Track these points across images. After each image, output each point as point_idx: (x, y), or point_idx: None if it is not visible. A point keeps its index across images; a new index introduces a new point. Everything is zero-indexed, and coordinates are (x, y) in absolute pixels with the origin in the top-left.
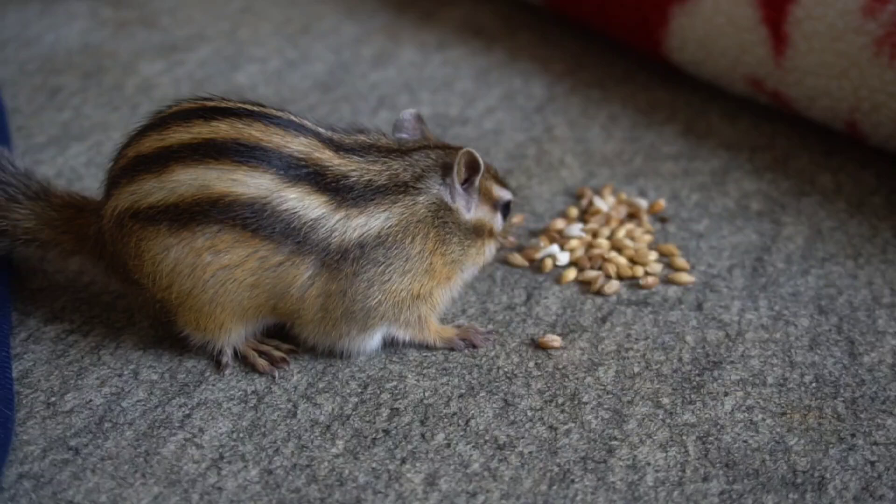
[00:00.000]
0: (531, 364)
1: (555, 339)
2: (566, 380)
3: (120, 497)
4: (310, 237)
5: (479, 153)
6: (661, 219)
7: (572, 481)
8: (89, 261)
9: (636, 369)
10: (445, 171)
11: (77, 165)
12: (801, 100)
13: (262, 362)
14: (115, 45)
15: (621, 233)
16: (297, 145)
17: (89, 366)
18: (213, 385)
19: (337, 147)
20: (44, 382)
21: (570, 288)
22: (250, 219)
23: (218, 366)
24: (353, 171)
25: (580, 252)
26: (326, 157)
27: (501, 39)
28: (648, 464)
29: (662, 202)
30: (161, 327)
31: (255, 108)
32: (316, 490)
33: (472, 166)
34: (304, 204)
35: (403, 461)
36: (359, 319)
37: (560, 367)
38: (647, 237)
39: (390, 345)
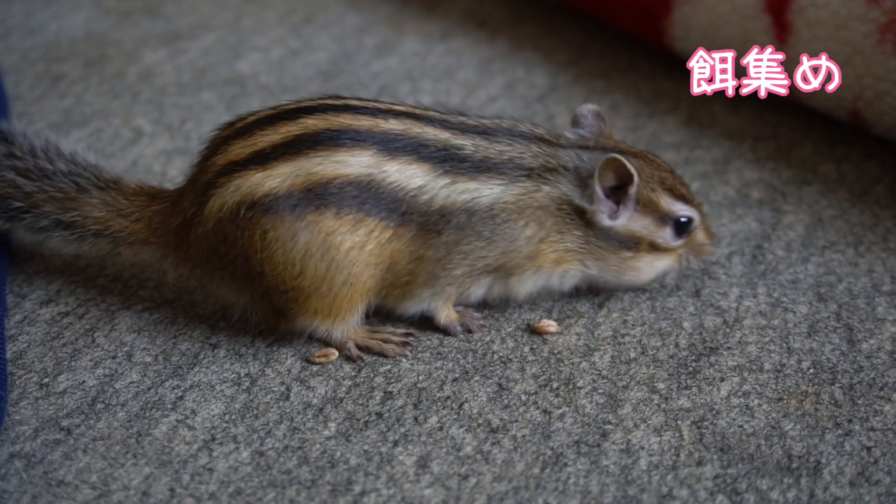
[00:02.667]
0: (526, 349)
1: (551, 325)
2: (561, 364)
3: (111, 477)
4: (412, 206)
5: (652, 161)
6: None
7: (565, 465)
8: (160, 252)
9: (632, 355)
10: (590, 174)
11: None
12: None
13: (388, 347)
14: (119, 33)
15: None
16: (389, 125)
17: (83, 348)
18: (207, 368)
19: (447, 125)
20: (37, 364)
21: None
22: (359, 198)
23: (348, 359)
24: (468, 145)
25: None
26: (429, 132)
27: (505, 30)
28: (642, 448)
29: None
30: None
31: (339, 103)
32: (307, 471)
33: (624, 175)
34: (407, 175)
35: (396, 444)
36: (437, 285)
37: (555, 352)
38: None
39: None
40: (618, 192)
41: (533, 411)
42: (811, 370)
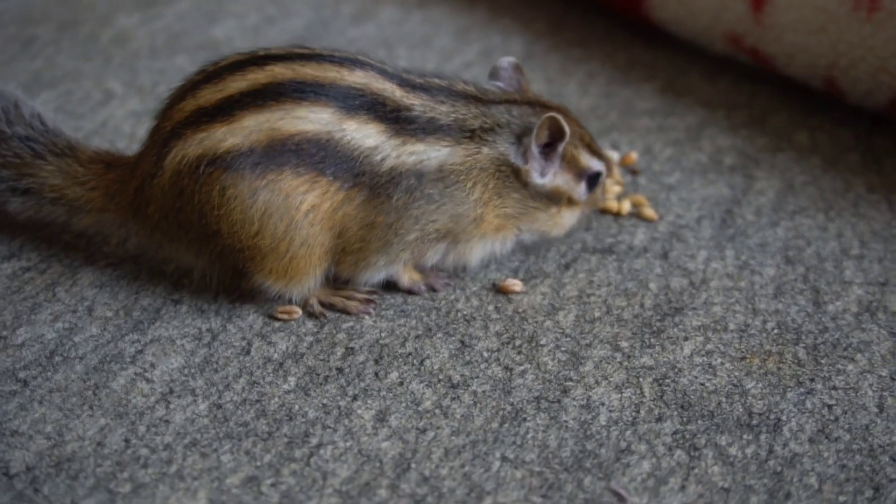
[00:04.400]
0: (491, 307)
1: (516, 284)
2: (525, 323)
3: (66, 427)
4: (364, 167)
5: (572, 119)
6: (631, 171)
7: (524, 419)
8: (117, 220)
9: (597, 314)
10: (524, 132)
11: (45, 112)
12: (779, 56)
13: (352, 304)
14: None
15: None
16: (354, 77)
17: (43, 301)
18: (168, 322)
19: (402, 82)
20: None
21: None
22: (317, 156)
23: (311, 316)
24: (418, 105)
25: None
26: (388, 87)
27: None
28: (602, 404)
29: (634, 155)
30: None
31: (307, 51)
32: (264, 424)
33: (556, 132)
34: (363, 133)
35: (355, 398)
36: (391, 252)
37: (520, 310)
38: (617, 188)
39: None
40: (547, 150)
41: (494, 368)
42: (776, 330)
